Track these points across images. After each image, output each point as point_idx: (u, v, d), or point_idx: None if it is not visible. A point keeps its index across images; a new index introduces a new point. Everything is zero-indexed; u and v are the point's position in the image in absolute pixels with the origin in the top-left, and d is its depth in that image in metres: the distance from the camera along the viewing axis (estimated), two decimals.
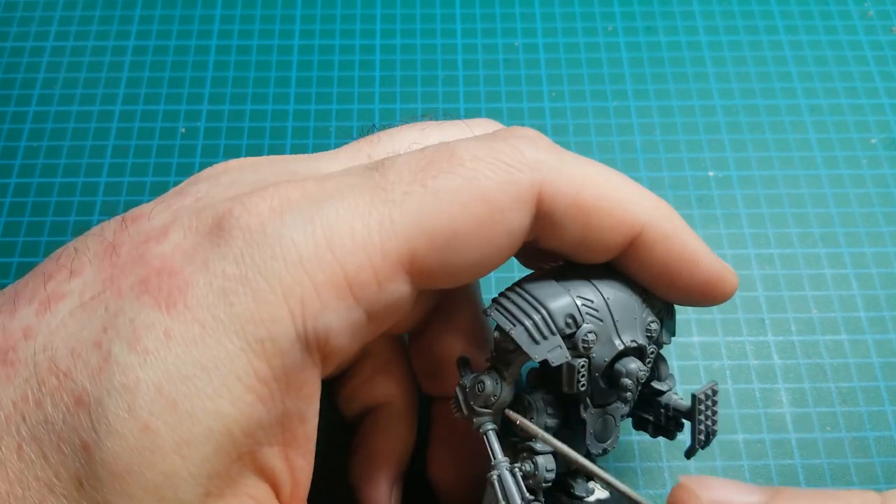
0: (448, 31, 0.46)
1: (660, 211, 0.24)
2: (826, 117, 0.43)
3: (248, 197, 0.21)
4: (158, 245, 0.21)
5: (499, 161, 0.22)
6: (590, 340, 0.23)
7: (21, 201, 0.40)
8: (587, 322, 0.24)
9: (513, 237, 0.23)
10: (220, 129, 0.43)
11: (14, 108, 0.43)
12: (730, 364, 0.36)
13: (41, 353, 0.19)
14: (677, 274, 0.24)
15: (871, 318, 0.37)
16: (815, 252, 0.39)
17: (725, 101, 0.44)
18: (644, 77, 0.44)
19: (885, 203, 0.40)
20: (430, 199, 0.21)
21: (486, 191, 0.22)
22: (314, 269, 0.20)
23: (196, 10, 0.47)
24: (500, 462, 0.23)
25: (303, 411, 0.22)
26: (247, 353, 0.19)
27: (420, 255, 0.21)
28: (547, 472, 0.24)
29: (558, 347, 0.23)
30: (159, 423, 0.19)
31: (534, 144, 0.23)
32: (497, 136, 0.24)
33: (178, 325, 0.19)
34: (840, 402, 0.35)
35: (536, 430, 0.24)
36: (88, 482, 0.18)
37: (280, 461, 0.22)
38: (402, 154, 0.23)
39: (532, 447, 0.24)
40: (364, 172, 0.22)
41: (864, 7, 0.47)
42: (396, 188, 0.21)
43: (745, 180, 0.41)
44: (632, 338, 0.24)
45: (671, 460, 0.33)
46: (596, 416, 0.25)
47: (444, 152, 0.22)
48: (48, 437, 0.19)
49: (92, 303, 0.20)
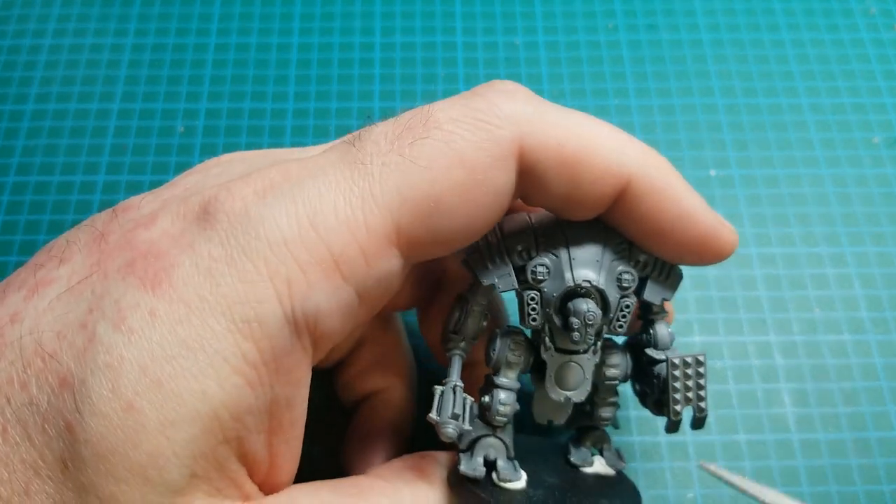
0: (448, 29, 0.46)
1: (649, 161, 0.23)
2: (828, 116, 0.43)
3: (233, 183, 0.21)
4: (146, 231, 0.21)
5: (476, 120, 0.21)
6: (539, 272, 0.23)
7: (18, 200, 0.40)
8: (540, 255, 0.24)
9: (498, 197, 0.22)
10: (218, 127, 0.42)
11: (11, 107, 0.43)
12: (732, 364, 0.36)
13: (27, 335, 0.19)
14: (669, 229, 0.23)
15: (874, 318, 0.37)
16: (817, 251, 0.39)
17: (727, 100, 0.43)
18: (645, 75, 0.44)
19: (888, 202, 0.40)
20: (409, 167, 0.21)
21: (464, 153, 0.21)
22: (299, 249, 0.20)
23: (195, 8, 0.46)
24: (450, 380, 0.24)
25: (290, 397, 0.21)
26: (233, 333, 0.19)
27: (405, 226, 0.21)
28: (501, 405, 0.24)
29: (507, 276, 0.24)
30: (144, 402, 0.18)
31: (512, 97, 0.22)
32: (474, 93, 0.23)
33: (163, 305, 0.19)
34: (843, 403, 0.35)
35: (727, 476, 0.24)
36: (73, 463, 0.18)
37: (262, 447, 0.21)
38: (378, 124, 0.23)
39: (494, 381, 0.25)
40: (342, 147, 0.22)
41: (867, 5, 0.47)
42: (375, 160, 0.21)
43: (747, 179, 0.41)
44: (586, 277, 0.23)
45: (673, 461, 0.33)
46: (557, 360, 0.25)
47: (420, 117, 0.22)
48: (33, 419, 0.19)
49: (79, 286, 0.20)
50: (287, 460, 0.22)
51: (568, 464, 0.27)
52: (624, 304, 0.24)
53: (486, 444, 0.24)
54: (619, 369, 0.26)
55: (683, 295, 0.37)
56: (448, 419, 0.23)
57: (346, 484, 0.23)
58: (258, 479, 0.22)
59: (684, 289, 0.38)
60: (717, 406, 0.35)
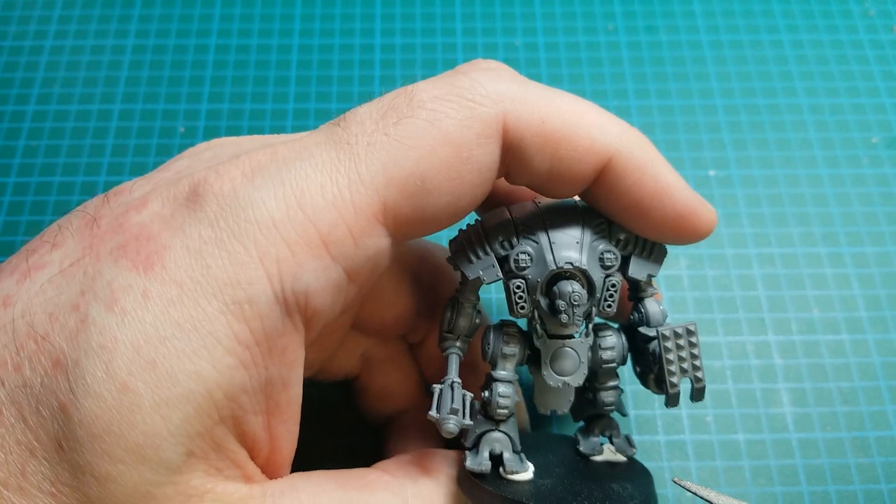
0: (448, 30, 0.46)
1: (630, 138, 0.23)
2: (827, 116, 0.43)
3: (222, 165, 0.21)
4: (138, 214, 0.21)
5: (460, 98, 0.22)
6: (521, 260, 0.24)
7: (20, 200, 0.40)
8: (521, 243, 0.24)
9: (483, 174, 0.22)
10: (219, 127, 0.42)
11: (13, 107, 0.43)
12: (730, 364, 0.36)
13: (20, 318, 0.19)
14: (648, 205, 0.23)
15: (872, 318, 0.37)
16: (815, 251, 0.39)
17: (726, 101, 0.43)
18: (645, 76, 0.44)
19: (887, 202, 0.40)
20: (394, 147, 0.21)
21: (449, 131, 0.21)
22: (287, 230, 0.20)
23: (195, 9, 0.47)
24: (448, 378, 0.24)
25: (286, 377, 0.21)
26: (226, 314, 0.19)
27: (392, 205, 0.21)
28: (501, 398, 0.25)
29: (491, 267, 0.24)
30: (138, 382, 0.19)
31: (495, 76, 0.23)
32: (458, 71, 0.23)
33: (155, 286, 0.19)
34: (841, 402, 0.35)
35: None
36: (68, 444, 0.18)
37: (261, 429, 0.21)
38: (363, 105, 0.23)
39: (493, 376, 0.25)
40: (328, 128, 0.22)
41: (865, 6, 0.47)
42: (360, 139, 0.21)
43: (746, 179, 0.41)
44: (568, 259, 0.24)
45: (672, 460, 0.33)
46: (551, 346, 0.25)
47: (404, 96, 0.22)
48: (27, 401, 0.19)
49: (71, 269, 0.20)
50: (286, 441, 0.23)
51: (578, 454, 0.27)
52: (609, 284, 0.24)
53: (491, 439, 0.25)
54: (615, 351, 0.26)
55: (682, 295, 0.38)
56: (448, 415, 0.23)
57: (350, 476, 0.23)
58: (260, 461, 0.22)
59: (683, 289, 0.38)
60: (716, 406, 0.35)
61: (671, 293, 0.38)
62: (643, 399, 0.35)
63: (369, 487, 0.23)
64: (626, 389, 0.32)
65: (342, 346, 0.30)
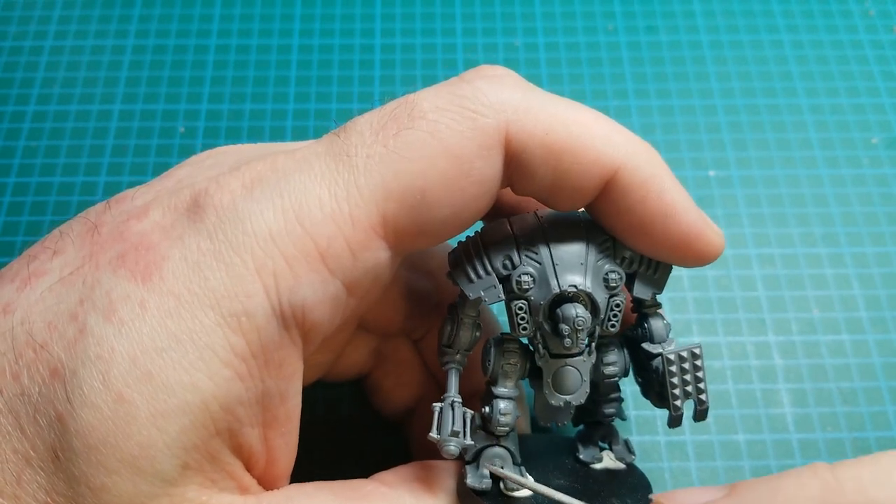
0: (448, 30, 0.46)
1: (637, 152, 0.22)
2: (827, 116, 0.43)
3: (223, 176, 0.21)
4: (139, 223, 0.21)
5: (461, 108, 0.21)
6: (524, 282, 0.23)
7: (20, 201, 0.40)
8: (524, 263, 0.23)
9: (485, 186, 0.22)
10: (219, 128, 0.42)
11: (13, 108, 0.43)
12: (731, 364, 0.36)
13: (19, 326, 0.19)
14: (651, 224, 0.23)
15: (873, 318, 0.37)
16: (816, 252, 0.39)
17: (726, 101, 0.43)
18: (645, 76, 0.44)
19: (887, 202, 0.40)
20: (394, 159, 0.21)
21: (450, 142, 0.21)
22: (285, 243, 0.20)
23: (195, 10, 0.47)
24: (448, 396, 0.24)
25: (283, 390, 0.21)
26: (222, 327, 0.19)
27: (391, 219, 0.21)
28: (501, 416, 0.24)
29: (493, 287, 0.23)
30: (134, 393, 0.19)
31: (499, 84, 0.22)
32: (461, 79, 0.23)
33: (153, 297, 0.19)
34: (841, 403, 0.35)
35: (515, 477, 0.24)
36: (64, 453, 0.18)
37: (258, 441, 0.21)
38: (364, 114, 0.22)
39: (493, 391, 0.25)
40: (328, 139, 0.22)
41: (865, 6, 0.47)
42: (359, 151, 0.21)
43: (746, 180, 0.41)
44: (572, 282, 0.23)
45: (672, 461, 0.33)
46: (552, 365, 0.24)
47: (405, 106, 0.21)
48: (24, 410, 0.19)
49: (70, 278, 0.20)
50: (284, 454, 0.22)
51: (577, 462, 0.27)
52: (614, 304, 0.24)
53: (491, 455, 0.24)
54: (616, 366, 0.26)
55: (682, 295, 0.38)
56: (449, 437, 0.23)
57: (347, 487, 0.23)
58: (256, 473, 0.22)
59: (683, 289, 0.38)
60: (716, 406, 0.35)
61: (671, 293, 0.38)
62: (643, 399, 0.35)
63: (366, 499, 0.23)
64: (625, 389, 0.32)
65: (351, 344, 0.30)
